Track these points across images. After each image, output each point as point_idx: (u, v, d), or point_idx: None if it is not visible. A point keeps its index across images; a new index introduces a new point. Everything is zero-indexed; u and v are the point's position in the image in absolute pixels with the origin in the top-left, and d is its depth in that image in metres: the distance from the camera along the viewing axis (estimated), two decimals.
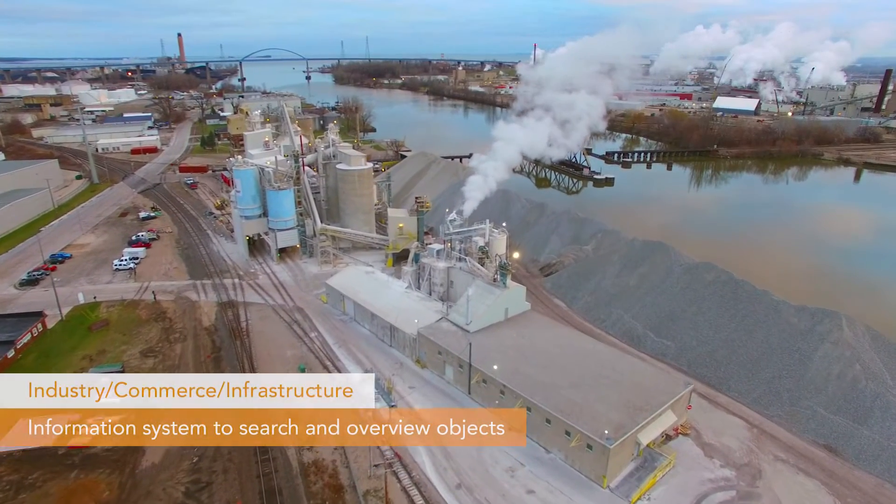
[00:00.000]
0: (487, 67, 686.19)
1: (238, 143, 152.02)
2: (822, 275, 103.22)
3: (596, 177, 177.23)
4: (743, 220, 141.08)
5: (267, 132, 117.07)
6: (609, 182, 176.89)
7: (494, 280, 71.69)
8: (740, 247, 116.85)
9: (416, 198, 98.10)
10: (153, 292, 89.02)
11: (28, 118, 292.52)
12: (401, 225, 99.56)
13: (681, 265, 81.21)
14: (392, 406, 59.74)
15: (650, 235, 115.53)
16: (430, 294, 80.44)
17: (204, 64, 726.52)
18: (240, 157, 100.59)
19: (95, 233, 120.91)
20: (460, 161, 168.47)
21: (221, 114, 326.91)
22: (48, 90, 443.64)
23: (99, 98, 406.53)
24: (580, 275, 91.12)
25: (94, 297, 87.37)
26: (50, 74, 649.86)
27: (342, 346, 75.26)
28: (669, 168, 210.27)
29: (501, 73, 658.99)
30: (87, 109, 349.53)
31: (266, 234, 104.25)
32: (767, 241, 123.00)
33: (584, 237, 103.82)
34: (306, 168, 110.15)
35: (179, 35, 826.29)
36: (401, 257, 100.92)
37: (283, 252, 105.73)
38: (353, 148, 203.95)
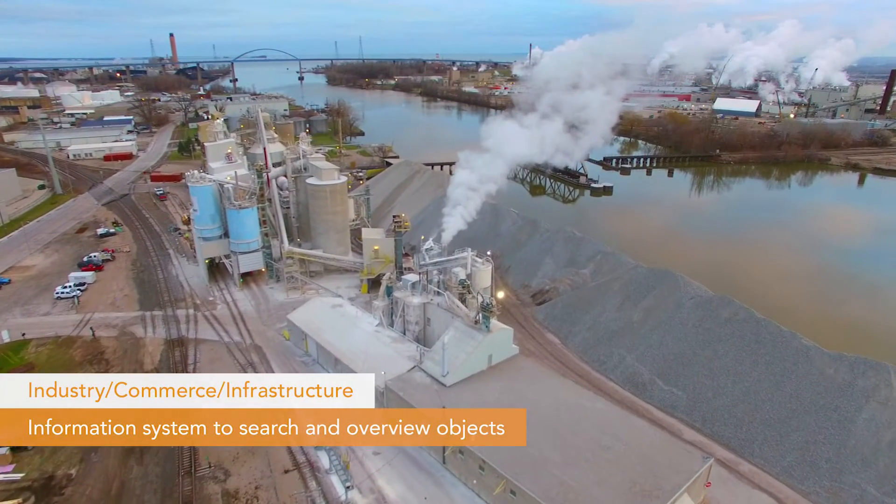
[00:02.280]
0: (482, 68, 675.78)
1: None
2: (860, 313, 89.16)
3: (594, 185, 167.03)
4: (758, 237, 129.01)
5: (230, 142, 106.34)
6: (608, 191, 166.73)
7: (476, 322, 61.34)
8: (757, 271, 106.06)
9: (394, 217, 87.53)
10: (91, 328, 78.36)
11: (2, 121, 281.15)
12: (376, 248, 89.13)
13: (692, 298, 70.95)
14: (348, 487, 49.28)
15: (654, 255, 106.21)
16: (405, 333, 70.08)
17: (195, 65, 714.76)
18: (197, 171, 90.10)
19: (45, 252, 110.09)
20: (448, 170, 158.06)
21: (206, 117, 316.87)
22: (31, 91, 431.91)
23: (82, 100, 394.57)
24: (577, 306, 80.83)
25: (23, 335, 76.69)
26: (38, 75, 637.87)
27: None
28: (670, 174, 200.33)
29: (497, 73, 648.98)
30: (67, 112, 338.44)
31: (227, 257, 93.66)
32: (788, 262, 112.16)
33: (580, 259, 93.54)
34: (281, 180, 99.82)
35: (171, 35, 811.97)
36: (377, 283, 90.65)
37: (248, 276, 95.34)
38: (335, 154, 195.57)
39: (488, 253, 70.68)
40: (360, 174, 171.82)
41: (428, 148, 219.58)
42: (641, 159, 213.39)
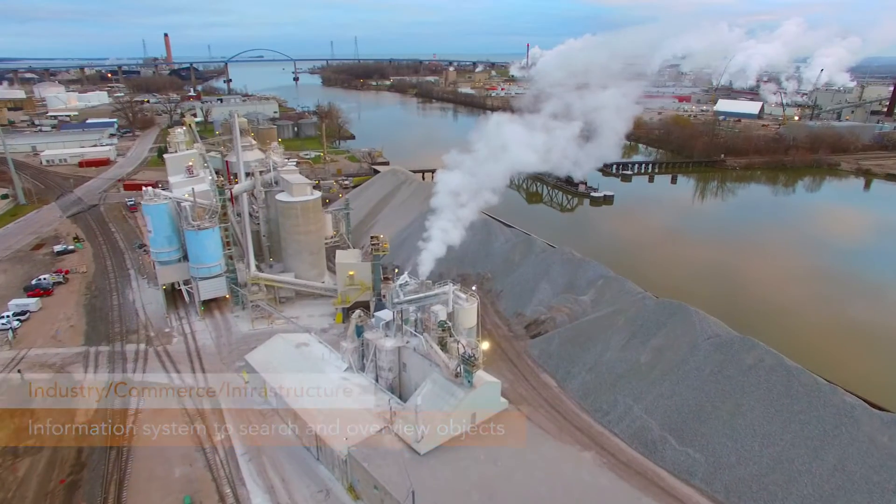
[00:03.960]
0: (479, 68, 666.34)
1: None
2: None
3: (593, 195, 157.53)
4: (779, 256, 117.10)
5: (192, 154, 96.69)
6: (608, 200, 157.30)
7: (457, 375, 51.94)
8: (784, 297, 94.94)
9: (371, 237, 78.21)
10: (19, 370, 68.71)
11: None
12: (351, 273, 79.60)
13: (709, 338, 61.53)
14: None
15: (662, 278, 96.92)
16: (377, 380, 60.61)
17: (188, 65, 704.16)
18: (151, 188, 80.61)
19: None
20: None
21: (195, 120, 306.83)
22: (16, 93, 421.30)
23: (68, 101, 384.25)
24: (576, 341, 71.35)
25: None
26: (29, 75, 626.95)
27: (253, 460, 55.37)
28: (674, 181, 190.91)
29: (494, 73, 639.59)
30: (49, 114, 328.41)
31: (188, 282, 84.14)
32: (823, 288, 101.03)
33: (580, 284, 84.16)
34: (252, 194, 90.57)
35: (166, 35, 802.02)
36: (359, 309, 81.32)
37: (212, 303, 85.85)
38: (320, 160, 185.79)
39: (473, 287, 61.16)
40: (347, 182, 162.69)
41: (420, 151, 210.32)
42: (643, 165, 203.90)
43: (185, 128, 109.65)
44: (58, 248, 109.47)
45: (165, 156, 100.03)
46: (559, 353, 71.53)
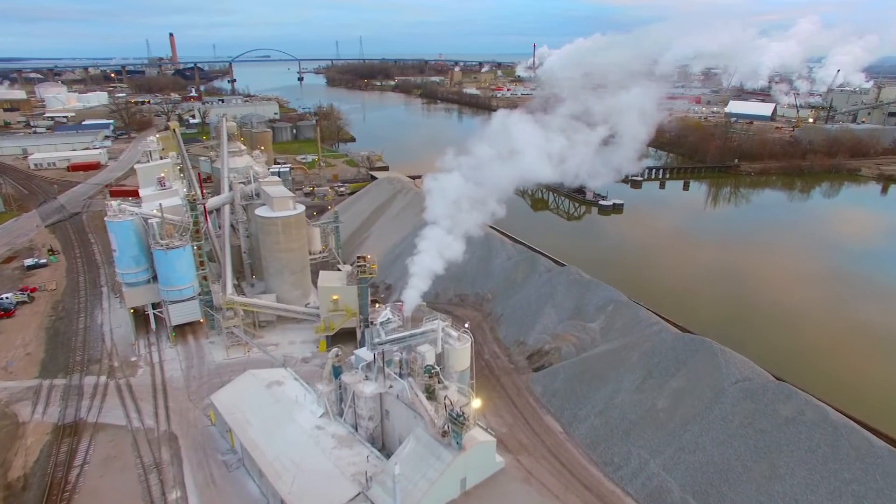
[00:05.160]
0: (485, 68, 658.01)
1: None
2: None
3: (602, 203, 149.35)
4: (815, 277, 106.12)
5: (165, 164, 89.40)
6: (617, 209, 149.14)
7: (444, 433, 44.30)
8: (824, 331, 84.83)
9: (358, 258, 70.66)
10: None
11: None
12: (335, 297, 72.06)
13: (737, 383, 53.54)
14: None
15: (679, 302, 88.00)
16: (356, 429, 53.06)
17: (192, 65, 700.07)
18: (114, 202, 73.39)
19: None
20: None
21: (191, 121, 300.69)
22: (17, 93, 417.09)
23: (67, 102, 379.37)
24: (583, 378, 63.53)
25: None
26: (33, 75, 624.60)
27: None
28: (686, 187, 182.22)
29: (500, 73, 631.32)
30: (46, 115, 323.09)
31: (158, 306, 76.88)
32: (865, 321, 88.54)
33: (588, 309, 76.21)
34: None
35: (171, 35, 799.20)
36: (347, 335, 74.06)
37: (187, 327, 78.62)
38: (314, 165, 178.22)
39: (466, 325, 53.39)
40: (343, 189, 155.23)
41: (421, 155, 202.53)
42: (654, 170, 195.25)
43: (155, 137, 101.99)
44: (28, 262, 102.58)
45: (136, 166, 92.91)
46: (565, 390, 63.71)
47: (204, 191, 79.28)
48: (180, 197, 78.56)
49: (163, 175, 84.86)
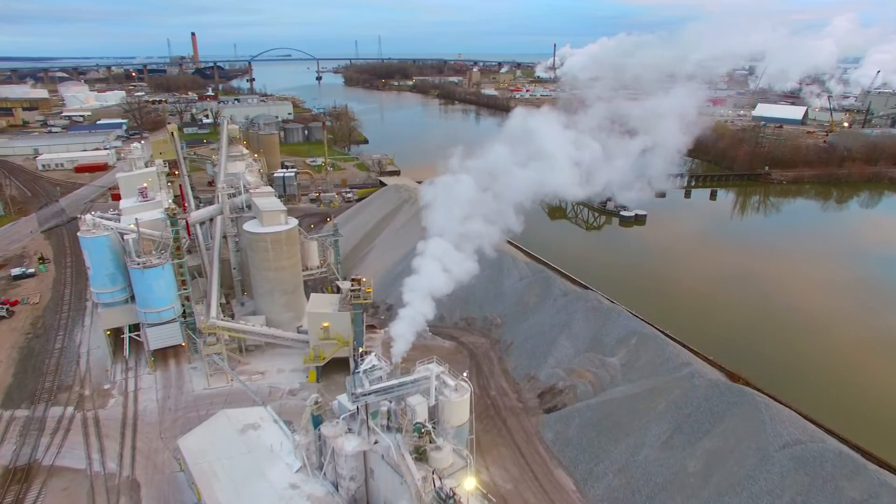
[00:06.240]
0: (505, 68, 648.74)
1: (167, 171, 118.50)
2: None
3: (623, 214, 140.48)
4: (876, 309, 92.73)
5: (149, 173, 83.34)
6: (640, 220, 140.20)
7: None
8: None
9: (352, 280, 63.65)
10: None
11: None
12: (325, 324, 65.09)
13: (786, 447, 45.18)
14: None
15: (709, 336, 77.08)
16: (337, 488, 45.91)
17: (212, 64, 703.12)
18: (88, 215, 67.36)
19: None
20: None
21: (204, 121, 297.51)
22: (39, 92, 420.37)
23: (87, 101, 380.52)
24: (602, 426, 55.61)
25: None
26: (60, 75, 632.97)
27: None
28: (713, 197, 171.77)
29: (519, 73, 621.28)
30: (63, 115, 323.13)
31: (137, 328, 70.72)
32: None
33: (608, 341, 68.18)
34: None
35: (193, 34, 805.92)
36: (339, 365, 67.25)
37: (169, 350, 72.41)
38: (321, 169, 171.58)
39: (464, 374, 45.78)
40: (350, 195, 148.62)
41: (435, 158, 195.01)
42: (678, 178, 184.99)
43: (140, 144, 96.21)
44: (15, 271, 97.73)
45: (118, 175, 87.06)
46: (580, 440, 55.86)
47: (186, 203, 72.71)
48: (161, 210, 72.17)
49: (145, 185, 78.77)
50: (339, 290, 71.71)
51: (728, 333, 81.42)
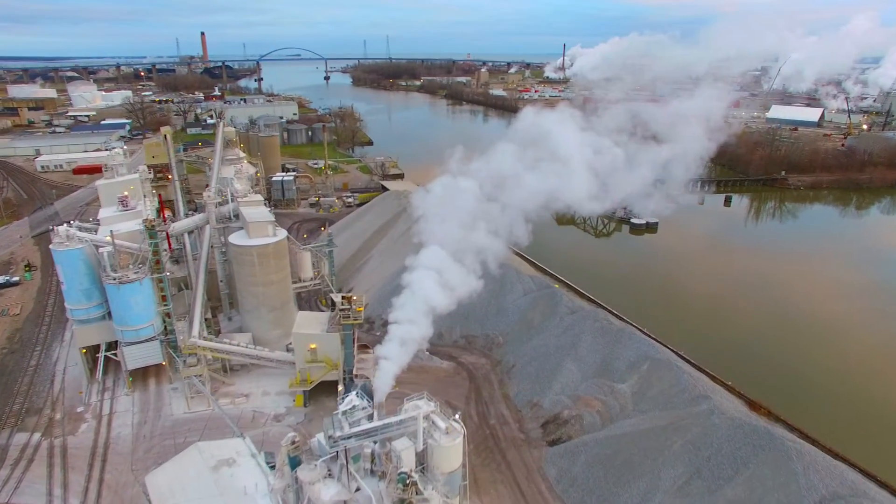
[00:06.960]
0: (513, 69, 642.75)
1: (161, 174, 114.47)
2: None
3: (634, 221, 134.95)
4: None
5: (132, 180, 79.17)
6: (651, 228, 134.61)
7: None
8: None
9: (343, 298, 58.99)
10: None
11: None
12: (312, 346, 60.49)
13: (820, 502, 39.83)
14: None
15: (730, 360, 70.05)
16: None
17: (220, 63, 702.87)
18: (62, 227, 63.28)
19: None
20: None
21: (209, 121, 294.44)
22: (47, 92, 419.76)
23: (93, 100, 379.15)
24: (611, 464, 50.50)
25: None
26: (71, 74, 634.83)
27: None
28: (727, 203, 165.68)
29: (528, 73, 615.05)
30: (68, 114, 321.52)
31: (114, 347, 66.50)
32: None
33: (618, 366, 63.06)
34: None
35: (202, 34, 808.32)
36: (326, 388, 62.67)
37: (151, 369, 68.15)
38: (321, 172, 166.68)
39: (457, 416, 40.87)
40: (351, 199, 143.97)
41: (440, 161, 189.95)
42: (690, 183, 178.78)
43: (122, 148, 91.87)
44: (0, 278, 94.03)
45: (98, 183, 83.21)
46: (586, 479, 50.77)
47: (165, 214, 68.41)
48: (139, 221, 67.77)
49: (126, 194, 74.56)
50: (333, 304, 67.36)
51: (746, 349, 75.84)
